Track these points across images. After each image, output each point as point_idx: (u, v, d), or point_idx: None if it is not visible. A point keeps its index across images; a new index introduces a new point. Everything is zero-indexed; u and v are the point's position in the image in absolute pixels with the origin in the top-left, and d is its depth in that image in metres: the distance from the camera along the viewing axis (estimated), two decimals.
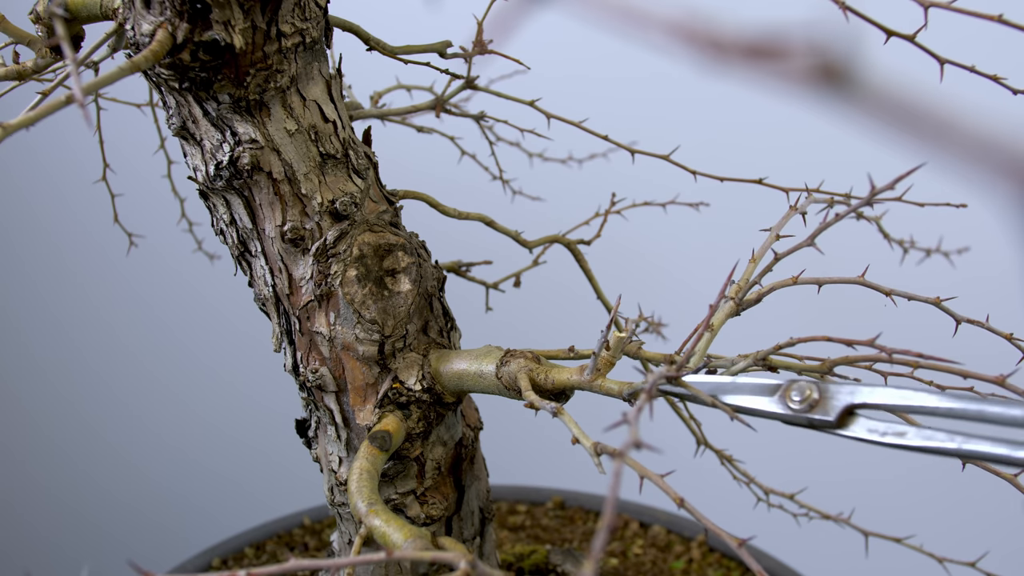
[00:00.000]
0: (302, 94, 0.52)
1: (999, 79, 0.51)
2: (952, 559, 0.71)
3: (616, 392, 0.46)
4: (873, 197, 0.42)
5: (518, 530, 1.04)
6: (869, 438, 0.38)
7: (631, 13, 0.15)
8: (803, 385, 0.40)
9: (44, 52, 0.53)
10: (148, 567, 0.33)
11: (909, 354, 0.41)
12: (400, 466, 0.58)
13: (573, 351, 0.56)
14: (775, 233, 0.49)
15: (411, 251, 0.57)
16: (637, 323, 0.47)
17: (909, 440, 0.37)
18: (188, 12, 0.46)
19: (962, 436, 0.35)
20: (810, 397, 0.39)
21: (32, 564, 1.44)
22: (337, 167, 0.55)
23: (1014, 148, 0.14)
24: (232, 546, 1.02)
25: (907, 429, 0.37)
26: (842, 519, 0.75)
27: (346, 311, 0.55)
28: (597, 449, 0.42)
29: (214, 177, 0.53)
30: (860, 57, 0.15)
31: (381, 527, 0.44)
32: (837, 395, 0.39)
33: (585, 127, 0.67)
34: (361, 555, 0.34)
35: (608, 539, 0.37)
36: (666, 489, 0.39)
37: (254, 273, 0.58)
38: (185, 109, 0.52)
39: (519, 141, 0.84)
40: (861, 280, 0.48)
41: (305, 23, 0.50)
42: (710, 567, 0.93)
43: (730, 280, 0.47)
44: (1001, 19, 0.47)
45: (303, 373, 0.58)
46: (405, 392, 0.57)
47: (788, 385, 0.40)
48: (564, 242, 0.71)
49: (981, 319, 0.50)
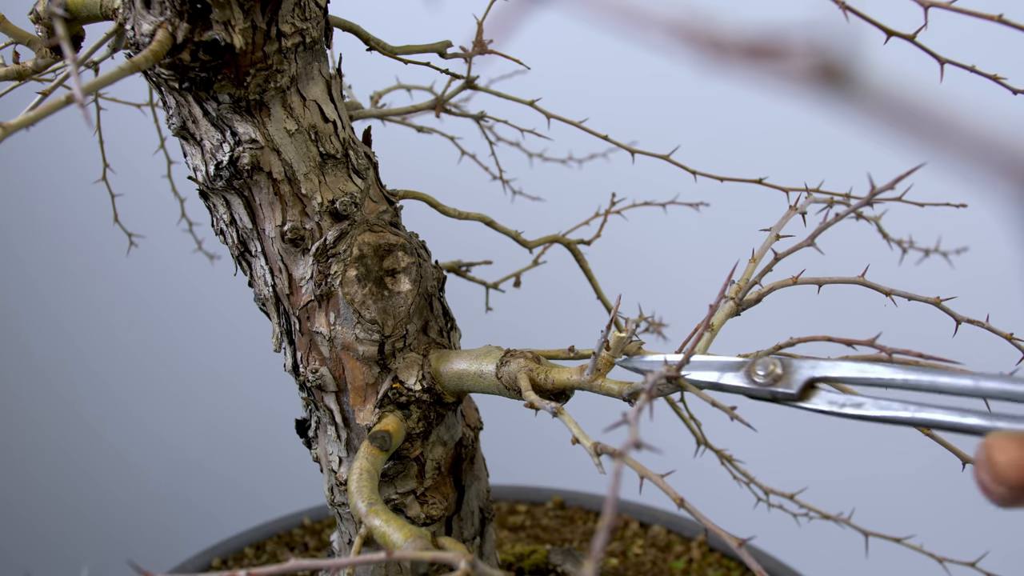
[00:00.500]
0: (302, 94, 0.52)
1: (999, 79, 0.51)
2: (952, 559, 0.71)
3: (616, 392, 0.46)
4: (873, 197, 0.42)
5: (518, 530, 1.04)
6: (828, 409, 0.40)
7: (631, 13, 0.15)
8: (767, 360, 0.41)
9: (44, 52, 0.53)
10: (148, 567, 0.33)
11: (909, 354, 0.41)
12: (400, 466, 0.58)
13: (573, 351, 0.56)
14: (775, 233, 0.50)
15: (411, 251, 0.57)
16: (637, 323, 0.47)
17: (866, 411, 0.39)
18: (188, 12, 0.46)
19: (915, 405, 0.38)
20: (773, 372, 0.41)
21: (32, 564, 1.44)
22: (337, 167, 0.55)
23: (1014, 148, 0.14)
24: (232, 546, 1.02)
25: (864, 400, 0.39)
26: (842, 519, 0.75)
27: (346, 311, 0.55)
28: (597, 449, 0.42)
29: (214, 177, 0.53)
30: (860, 57, 0.15)
31: (381, 527, 0.44)
32: (799, 369, 0.41)
33: (585, 127, 0.67)
34: (361, 555, 0.34)
35: (608, 539, 0.37)
36: (666, 489, 0.39)
37: (254, 273, 0.58)
38: (185, 109, 0.52)
39: (519, 141, 0.84)
40: (861, 280, 0.48)
41: (305, 23, 0.50)
42: (710, 567, 0.93)
43: (730, 280, 0.47)
44: (1001, 19, 0.47)
45: (303, 373, 0.58)
46: (405, 392, 0.57)
47: (753, 362, 0.42)
48: (564, 242, 0.71)
49: (981, 319, 0.50)
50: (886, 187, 0.42)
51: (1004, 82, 0.51)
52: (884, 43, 0.50)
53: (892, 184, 0.41)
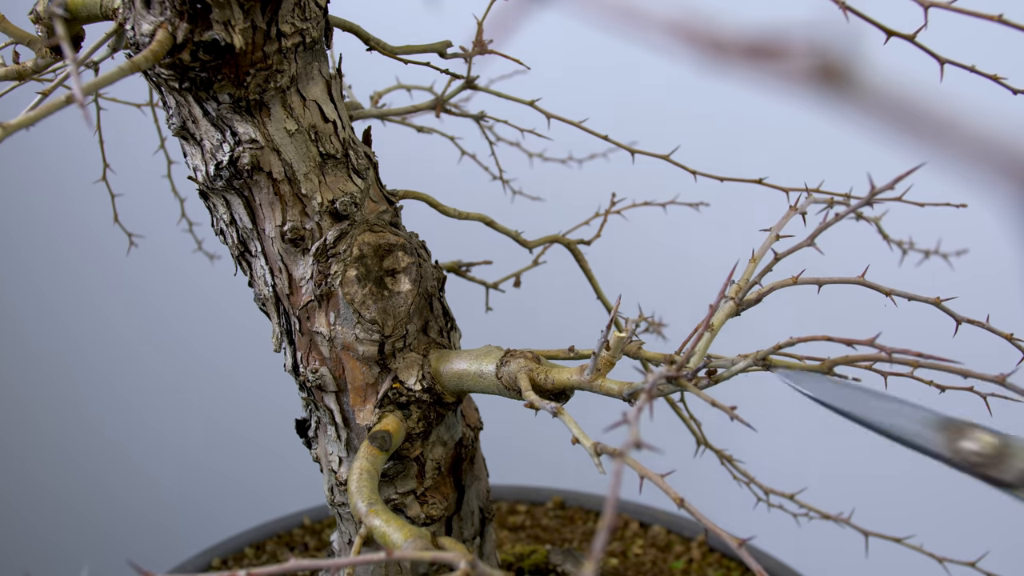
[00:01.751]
0: (302, 94, 0.52)
1: (999, 79, 0.51)
2: (952, 559, 0.71)
3: (616, 392, 0.46)
4: (873, 197, 0.42)
5: (518, 530, 1.04)
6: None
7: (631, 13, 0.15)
8: (981, 435, 0.35)
9: (44, 52, 0.53)
10: (148, 567, 0.33)
11: (909, 354, 0.41)
12: (400, 466, 0.58)
13: (573, 351, 0.56)
14: (775, 233, 0.49)
15: (411, 251, 0.57)
16: (637, 323, 0.47)
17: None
18: (188, 12, 0.46)
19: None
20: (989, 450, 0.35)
21: (32, 563, 1.44)
22: (337, 167, 0.55)
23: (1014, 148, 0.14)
24: (232, 546, 1.02)
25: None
26: (842, 519, 0.75)
27: (346, 311, 0.55)
28: (597, 449, 0.42)
29: (214, 177, 0.53)
30: (860, 57, 0.15)
31: (381, 527, 0.44)
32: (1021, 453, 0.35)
33: (585, 127, 0.67)
34: (361, 555, 0.34)
35: (608, 539, 0.37)
36: (666, 489, 0.39)
37: (254, 273, 0.58)
38: (185, 109, 0.52)
39: (519, 141, 0.84)
40: (861, 280, 0.48)
41: (305, 23, 0.50)
42: (710, 567, 0.93)
43: (730, 280, 0.47)
44: (1001, 19, 0.47)
45: (303, 373, 0.58)
46: (405, 392, 0.57)
47: (960, 428, 0.36)
48: (564, 242, 0.71)
49: (981, 319, 0.50)
50: (886, 187, 0.42)
51: (1004, 82, 0.51)
52: (884, 43, 0.50)
53: (892, 184, 0.41)
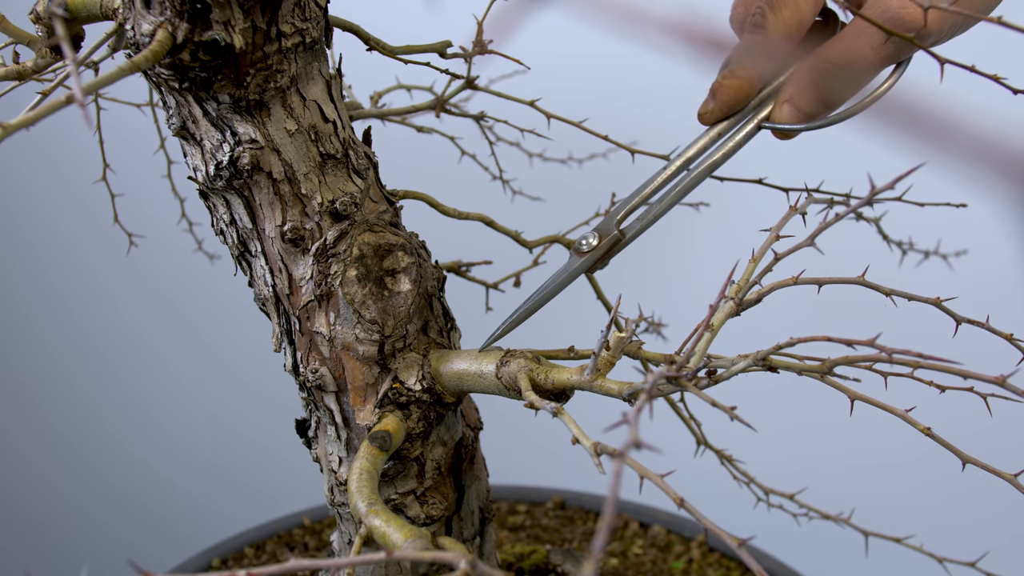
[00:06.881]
0: (302, 94, 0.52)
1: (999, 79, 0.51)
2: (952, 559, 0.71)
3: (616, 392, 0.46)
4: (873, 197, 0.42)
5: (518, 530, 1.04)
6: None
7: (631, 13, 0.15)
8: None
9: (44, 52, 0.53)
10: (148, 566, 0.33)
11: (909, 354, 0.41)
12: (400, 466, 0.58)
13: (573, 351, 0.56)
14: (775, 233, 0.49)
15: (411, 251, 0.57)
16: (637, 323, 0.47)
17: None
18: (188, 12, 0.46)
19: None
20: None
21: (32, 562, 1.44)
22: (337, 167, 0.55)
23: (1014, 148, 0.14)
24: (232, 546, 1.02)
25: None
26: (842, 519, 0.75)
27: (346, 311, 0.55)
28: (597, 449, 0.42)
29: (214, 177, 0.53)
30: None
31: (381, 527, 0.44)
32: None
33: (585, 127, 0.67)
34: (361, 555, 0.34)
35: (608, 539, 0.37)
36: (666, 489, 0.39)
37: (254, 273, 0.58)
38: (185, 109, 0.52)
39: (519, 141, 0.84)
40: (861, 280, 0.48)
41: (305, 23, 0.50)
42: (710, 567, 0.93)
43: (730, 280, 0.47)
44: (1001, 20, 0.47)
45: (303, 373, 0.58)
46: (405, 392, 0.57)
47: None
48: (564, 242, 0.71)
49: (981, 319, 0.50)
50: (886, 187, 0.42)
51: (1004, 82, 0.51)
52: (884, 43, 0.50)
53: (892, 184, 0.41)
